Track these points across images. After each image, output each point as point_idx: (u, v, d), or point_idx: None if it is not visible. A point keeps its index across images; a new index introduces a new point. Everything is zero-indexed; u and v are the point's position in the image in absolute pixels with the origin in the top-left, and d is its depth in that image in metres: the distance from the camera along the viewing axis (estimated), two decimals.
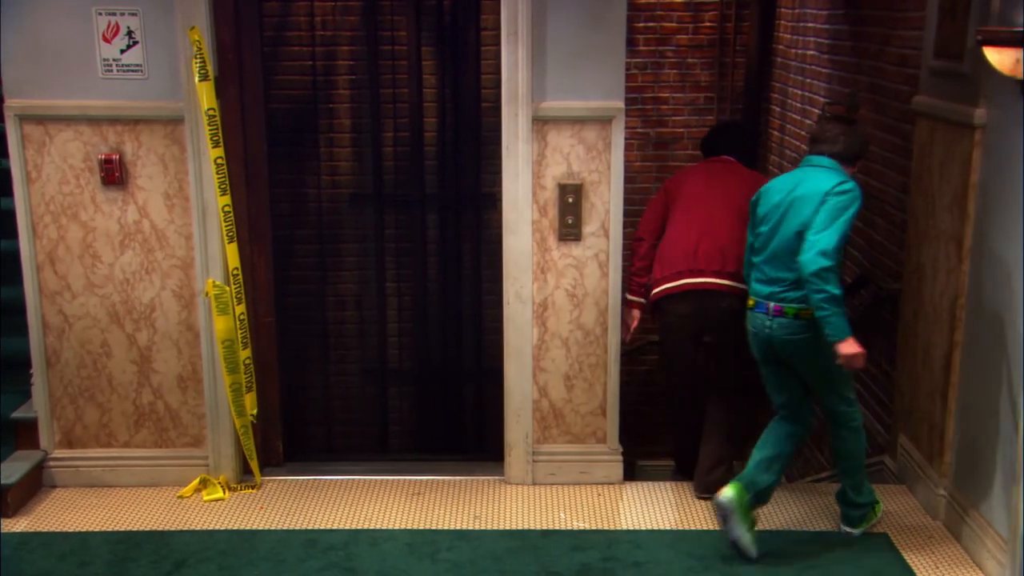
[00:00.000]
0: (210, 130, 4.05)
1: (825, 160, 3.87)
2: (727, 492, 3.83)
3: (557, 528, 4.11)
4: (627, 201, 4.36)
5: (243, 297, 4.25)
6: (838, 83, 5.95)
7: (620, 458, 4.49)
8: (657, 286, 4.43)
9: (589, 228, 4.24)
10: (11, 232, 4.26)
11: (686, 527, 4.12)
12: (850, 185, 3.76)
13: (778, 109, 7.43)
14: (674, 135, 7.98)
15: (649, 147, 7.98)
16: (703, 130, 7.87)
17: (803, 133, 6.66)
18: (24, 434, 4.39)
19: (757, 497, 3.89)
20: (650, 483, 4.56)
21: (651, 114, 7.92)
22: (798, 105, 6.83)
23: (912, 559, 3.86)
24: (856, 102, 5.55)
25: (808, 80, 6.58)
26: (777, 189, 3.90)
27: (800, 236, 3.73)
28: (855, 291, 5.56)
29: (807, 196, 3.75)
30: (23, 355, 4.37)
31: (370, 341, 5.28)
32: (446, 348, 5.27)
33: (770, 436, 3.98)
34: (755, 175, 4.68)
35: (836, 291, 3.68)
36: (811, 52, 6.51)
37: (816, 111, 6.18)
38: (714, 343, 4.45)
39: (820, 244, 3.64)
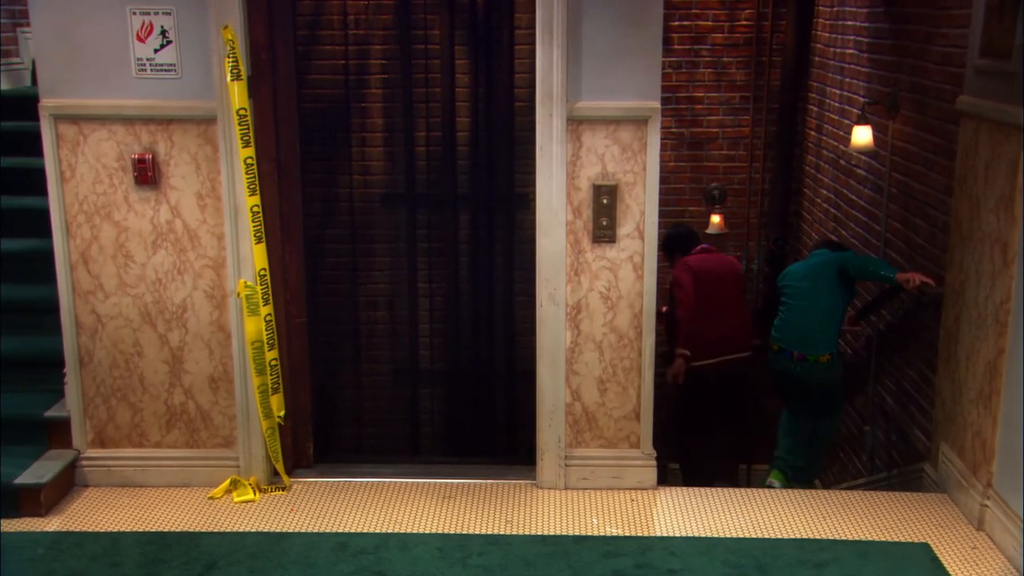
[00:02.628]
0: (240, 130, 4.03)
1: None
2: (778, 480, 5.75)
3: (590, 534, 4.05)
4: (661, 202, 4.30)
5: (270, 298, 4.23)
6: (878, 82, 5.85)
7: (654, 463, 4.43)
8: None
9: (624, 230, 4.18)
10: (45, 231, 4.26)
11: (721, 534, 4.05)
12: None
13: (815, 109, 7.33)
14: (709, 135, 7.90)
15: (683, 147, 7.90)
16: (738, 130, 7.84)
17: (841, 134, 6.55)
18: (57, 433, 4.39)
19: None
20: (684, 488, 4.49)
21: (685, 114, 7.85)
22: (836, 105, 6.72)
23: (954, 570, 3.76)
24: (896, 102, 5.45)
25: (847, 79, 6.47)
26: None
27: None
28: (895, 294, 5.46)
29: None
30: (56, 354, 4.37)
31: (401, 342, 5.25)
32: (478, 349, 5.24)
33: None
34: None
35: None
36: (850, 51, 6.40)
37: (855, 111, 6.07)
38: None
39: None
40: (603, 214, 4.15)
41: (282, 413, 4.38)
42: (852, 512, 4.21)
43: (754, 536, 4.03)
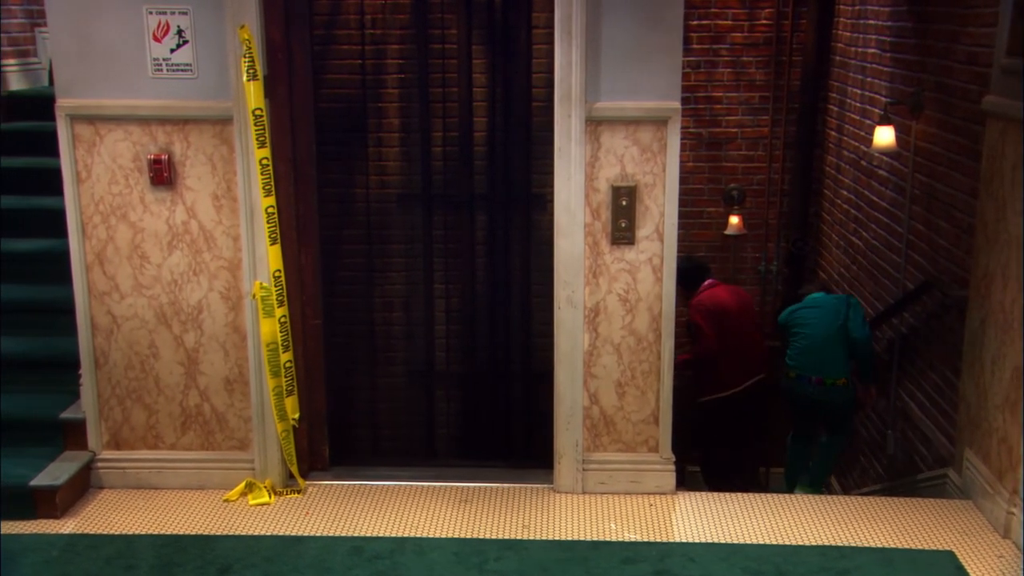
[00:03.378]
0: (256, 130, 4.00)
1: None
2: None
3: (607, 539, 4.01)
4: (679, 203, 4.24)
5: (285, 300, 4.20)
6: (901, 82, 5.77)
7: (673, 468, 4.38)
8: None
9: (643, 232, 4.13)
10: (62, 231, 4.25)
11: (741, 540, 4.00)
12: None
13: (836, 109, 7.25)
14: (727, 135, 7.83)
15: (702, 147, 7.84)
16: (758, 130, 7.77)
17: (863, 134, 6.48)
18: (72, 435, 4.38)
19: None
20: (704, 494, 4.45)
21: (704, 114, 7.79)
22: (857, 105, 6.65)
23: None
24: (920, 102, 5.38)
25: (869, 79, 6.40)
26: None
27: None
28: (917, 298, 5.39)
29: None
30: (72, 355, 4.37)
31: (417, 343, 5.21)
32: (494, 351, 5.19)
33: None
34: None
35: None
36: (872, 50, 6.33)
37: (877, 111, 6.00)
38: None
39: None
40: (622, 216, 4.11)
41: (297, 415, 4.35)
42: (875, 519, 4.15)
43: (775, 543, 3.97)
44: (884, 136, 5.63)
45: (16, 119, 6.01)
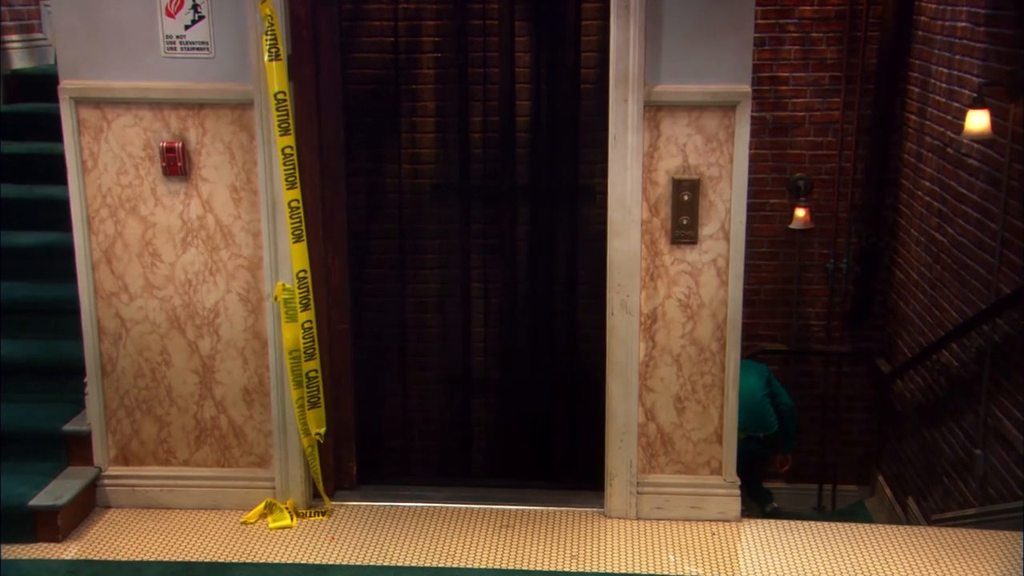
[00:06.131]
0: (279, 116, 3.91)
1: None
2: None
3: (665, 573, 3.90)
4: None
5: (310, 303, 4.11)
6: (996, 60, 5.56)
7: (738, 492, 4.25)
8: None
9: (707, 230, 4.00)
10: (64, 225, 4.19)
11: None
12: None
13: (917, 90, 7.04)
14: (794, 119, 7.66)
15: (765, 133, 7.67)
16: (828, 114, 7.58)
17: (949, 118, 6.27)
18: (76, 449, 4.33)
19: None
20: (773, 521, 4.31)
21: (768, 96, 7.62)
22: (943, 86, 6.44)
23: None
24: (1021, 83, 5.18)
25: (957, 57, 6.19)
26: None
27: None
28: (1014, 303, 5.20)
29: None
30: (76, 361, 4.31)
31: (453, 347, 5.19)
32: (537, 357, 5.14)
33: None
34: None
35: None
36: (963, 24, 6.12)
37: (967, 93, 5.78)
38: None
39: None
40: (683, 212, 3.99)
41: (322, 430, 4.26)
42: (971, 555, 3.99)
43: None
44: (977, 121, 5.42)
45: (19, 100, 6.01)
